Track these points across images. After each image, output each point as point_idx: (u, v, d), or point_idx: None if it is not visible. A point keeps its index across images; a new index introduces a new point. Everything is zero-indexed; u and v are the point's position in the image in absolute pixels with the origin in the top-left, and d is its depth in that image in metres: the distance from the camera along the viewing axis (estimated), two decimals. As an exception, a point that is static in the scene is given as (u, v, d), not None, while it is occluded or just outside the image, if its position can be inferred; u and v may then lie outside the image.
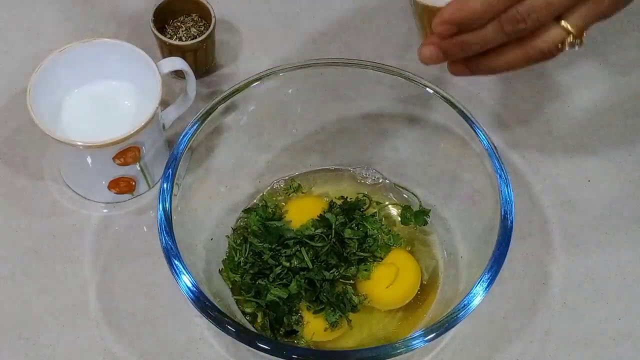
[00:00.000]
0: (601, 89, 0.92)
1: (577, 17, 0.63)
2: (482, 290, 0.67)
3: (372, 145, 0.83)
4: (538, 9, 0.62)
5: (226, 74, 0.91)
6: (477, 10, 0.63)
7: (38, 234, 0.81)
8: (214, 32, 0.86)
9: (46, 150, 0.85)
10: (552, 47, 0.64)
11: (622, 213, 0.84)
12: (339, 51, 0.93)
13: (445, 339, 0.77)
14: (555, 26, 0.64)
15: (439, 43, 0.66)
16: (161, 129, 0.82)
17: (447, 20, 0.64)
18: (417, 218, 0.81)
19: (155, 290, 0.79)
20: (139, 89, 0.81)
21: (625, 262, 0.82)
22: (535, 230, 0.83)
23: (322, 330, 0.74)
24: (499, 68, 0.67)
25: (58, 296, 0.78)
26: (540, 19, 0.63)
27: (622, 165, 0.87)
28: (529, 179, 0.86)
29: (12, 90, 0.88)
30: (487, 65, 0.67)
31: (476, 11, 0.63)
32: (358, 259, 0.76)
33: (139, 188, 0.83)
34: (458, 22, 0.64)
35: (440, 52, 0.66)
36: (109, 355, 0.76)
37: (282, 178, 0.84)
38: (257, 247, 0.76)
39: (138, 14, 0.93)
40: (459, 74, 0.69)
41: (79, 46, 0.79)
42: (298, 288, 0.74)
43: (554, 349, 0.78)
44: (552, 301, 0.80)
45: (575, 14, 0.63)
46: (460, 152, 0.77)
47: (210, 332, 0.77)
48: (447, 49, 0.66)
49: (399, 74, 0.77)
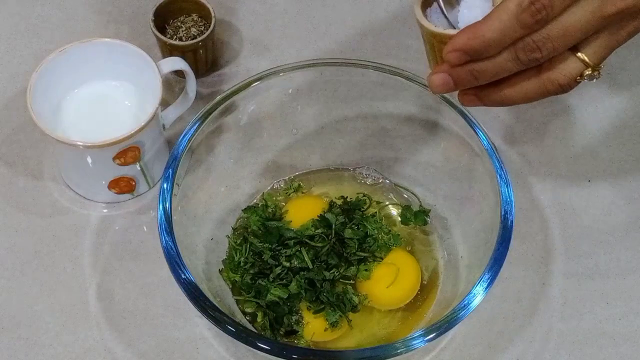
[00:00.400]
0: (601, 88, 0.91)
1: (595, 48, 0.62)
2: (482, 290, 0.67)
3: (372, 145, 0.83)
4: (554, 38, 0.60)
5: (226, 74, 0.91)
6: (491, 38, 0.60)
7: (38, 234, 0.81)
8: (214, 32, 0.87)
9: (46, 150, 0.85)
10: (570, 80, 0.62)
11: (622, 213, 0.84)
12: (339, 51, 0.93)
13: (445, 339, 0.77)
14: (572, 58, 0.62)
15: (450, 71, 0.63)
16: (161, 129, 0.82)
17: (458, 47, 0.61)
18: (417, 218, 0.81)
19: (156, 290, 0.79)
20: (139, 89, 0.81)
21: (625, 262, 0.82)
22: (535, 230, 0.83)
23: (322, 330, 0.74)
24: (512, 99, 0.65)
25: (58, 296, 0.78)
26: (556, 49, 0.60)
27: (622, 165, 0.87)
28: (529, 179, 0.86)
29: (12, 90, 0.88)
30: (499, 96, 0.65)
31: (490, 39, 0.60)
32: (358, 259, 0.76)
33: (139, 188, 0.83)
34: (471, 50, 0.61)
35: (451, 80, 0.64)
36: (109, 355, 0.76)
37: (282, 178, 0.84)
38: (257, 247, 0.76)
39: (138, 14, 0.93)
40: (470, 104, 0.67)
41: (79, 46, 0.79)
42: (298, 288, 0.74)
43: (554, 349, 0.78)
44: (552, 301, 0.80)
45: (592, 44, 0.61)
46: (460, 152, 0.77)
47: (210, 332, 0.77)
48: (458, 77, 0.63)
49: (399, 74, 0.77)
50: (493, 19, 0.60)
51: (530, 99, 0.64)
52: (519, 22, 0.59)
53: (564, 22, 0.60)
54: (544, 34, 0.60)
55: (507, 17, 0.59)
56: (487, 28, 0.60)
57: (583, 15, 0.59)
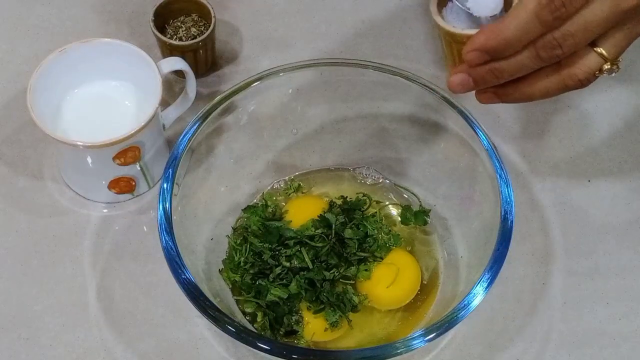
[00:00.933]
0: (601, 88, 0.91)
1: (613, 43, 0.62)
2: (482, 290, 0.67)
3: (372, 145, 0.83)
4: (574, 34, 0.60)
5: (226, 74, 0.91)
6: (512, 38, 0.61)
7: (38, 234, 0.81)
8: (214, 32, 0.87)
9: (46, 150, 0.85)
10: (589, 74, 0.63)
11: (622, 213, 0.84)
12: (339, 51, 0.93)
13: (445, 339, 0.77)
14: (591, 53, 0.62)
15: (469, 71, 0.64)
16: (161, 129, 0.82)
17: (479, 47, 0.62)
18: (417, 218, 0.81)
19: (155, 290, 0.79)
20: (139, 89, 0.81)
21: (625, 262, 0.82)
22: (535, 230, 0.83)
23: (322, 330, 0.74)
24: (532, 95, 0.65)
25: (58, 296, 0.78)
26: (576, 45, 0.61)
27: (622, 165, 0.87)
28: (529, 179, 0.86)
29: (12, 90, 0.88)
30: (518, 92, 0.65)
31: (511, 38, 0.61)
32: (358, 259, 0.76)
33: (139, 188, 0.83)
34: (491, 49, 0.62)
35: (470, 80, 0.65)
36: (109, 355, 0.76)
37: (282, 178, 0.84)
38: (257, 247, 0.76)
39: (138, 14, 0.93)
40: (487, 102, 0.67)
41: (79, 46, 0.79)
42: (298, 288, 0.74)
43: (554, 349, 0.78)
44: (552, 301, 0.80)
45: (610, 39, 0.62)
46: (460, 152, 0.77)
47: (210, 332, 0.77)
48: (478, 76, 0.64)
49: (399, 74, 0.77)
50: (512, 17, 0.60)
51: (550, 94, 0.65)
52: (539, 20, 0.60)
53: (583, 18, 0.60)
54: (564, 31, 0.60)
55: (527, 15, 0.60)
56: (507, 27, 0.61)
57: (602, 10, 0.60)
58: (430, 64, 0.92)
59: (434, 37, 0.93)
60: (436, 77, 0.89)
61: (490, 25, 0.62)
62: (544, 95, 0.65)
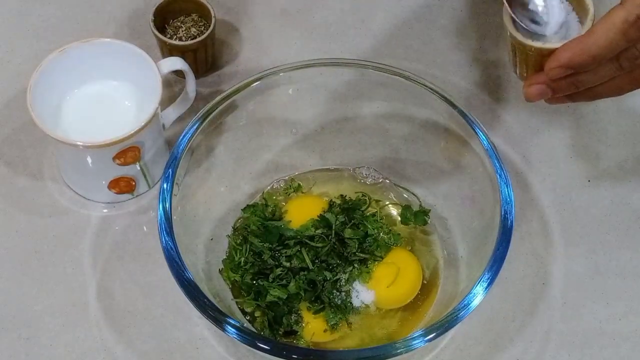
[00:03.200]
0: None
1: None
2: (482, 290, 0.68)
3: (372, 145, 0.83)
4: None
5: (226, 74, 0.91)
6: (598, 55, 0.63)
7: (38, 234, 0.81)
8: (214, 32, 0.87)
9: (46, 150, 0.85)
10: None
11: (622, 213, 0.84)
12: (339, 51, 0.93)
13: (445, 339, 0.77)
14: None
15: (549, 82, 0.66)
16: (161, 129, 0.82)
17: (564, 64, 0.64)
18: (417, 218, 0.81)
19: (155, 290, 0.79)
20: (139, 89, 0.81)
21: (625, 262, 0.82)
22: (535, 230, 0.83)
23: (321, 330, 0.74)
24: (603, 95, 0.68)
25: (58, 296, 0.78)
26: None
27: (622, 165, 0.87)
28: (529, 179, 0.86)
29: (12, 90, 0.88)
30: (592, 93, 0.68)
31: (596, 55, 0.63)
32: (358, 259, 0.76)
33: (139, 188, 0.83)
34: (576, 65, 0.64)
35: (549, 90, 0.67)
36: (109, 355, 0.76)
37: (282, 178, 0.84)
38: (257, 247, 0.76)
39: (138, 14, 0.93)
40: (556, 104, 0.70)
41: (79, 46, 0.79)
42: (297, 289, 0.74)
43: (554, 349, 0.77)
44: (552, 301, 0.80)
45: None
46: (460, 152, 0.77)
47: (210, 332, 0.77)
48: (558, 87, 0.67)
49: (399, 74, 0.77)
50: (599, 35, 0.63)
51: (623, 92, 0.68)
52: (626, 37, 0.62)
53: None
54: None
55: (614, 33, 0.62)
56: (594, 44, 0.63)
57: None
58: (430, 64, 0.92)
59: (434, 38, 0.93)
60: (436, 77, 0.89)
61: (574, 41, 0.64)
62: (617, 94, 0.68)
